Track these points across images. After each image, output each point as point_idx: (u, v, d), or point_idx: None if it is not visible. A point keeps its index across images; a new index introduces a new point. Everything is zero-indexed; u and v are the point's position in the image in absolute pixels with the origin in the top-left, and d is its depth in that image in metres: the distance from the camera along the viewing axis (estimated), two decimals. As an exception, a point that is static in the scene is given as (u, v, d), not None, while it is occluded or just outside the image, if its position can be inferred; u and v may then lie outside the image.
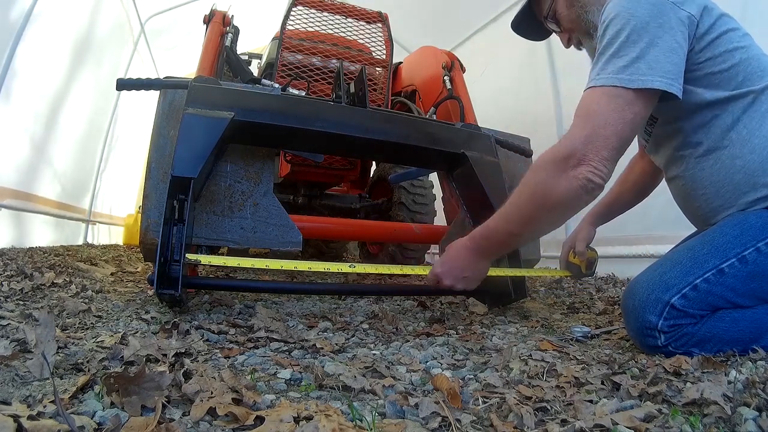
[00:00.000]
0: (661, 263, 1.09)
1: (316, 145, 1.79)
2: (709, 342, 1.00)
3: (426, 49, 2.87)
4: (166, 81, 1.49)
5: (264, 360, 0.97)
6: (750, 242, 1.01)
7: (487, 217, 1.67)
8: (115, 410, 0.65)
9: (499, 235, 1.20)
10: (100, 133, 4.53)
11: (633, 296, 1.06)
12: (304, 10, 2.43)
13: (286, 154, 2.62)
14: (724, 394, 0.71)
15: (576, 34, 1.31)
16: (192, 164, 1.29)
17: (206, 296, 1.63)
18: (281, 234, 1.52)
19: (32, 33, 2.86)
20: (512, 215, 1.14)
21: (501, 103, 4.01)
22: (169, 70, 5.08)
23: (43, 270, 1.86)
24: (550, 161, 1.05)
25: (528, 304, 1.83)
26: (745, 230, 1.03)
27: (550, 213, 1.09)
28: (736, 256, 1.00)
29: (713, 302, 1.01)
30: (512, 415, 0.71)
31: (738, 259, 1.00)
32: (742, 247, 1.01)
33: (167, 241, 1.22)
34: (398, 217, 3.01)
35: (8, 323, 1.06)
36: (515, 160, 1.99)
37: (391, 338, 1.24)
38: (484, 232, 1.22)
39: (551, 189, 1.04)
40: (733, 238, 1.03)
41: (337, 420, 0.63)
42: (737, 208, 1.09)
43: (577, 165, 1.00)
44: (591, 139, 1.00)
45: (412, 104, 2.74)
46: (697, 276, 1.01)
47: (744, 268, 1.00)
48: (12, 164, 2.96)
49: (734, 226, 1.05)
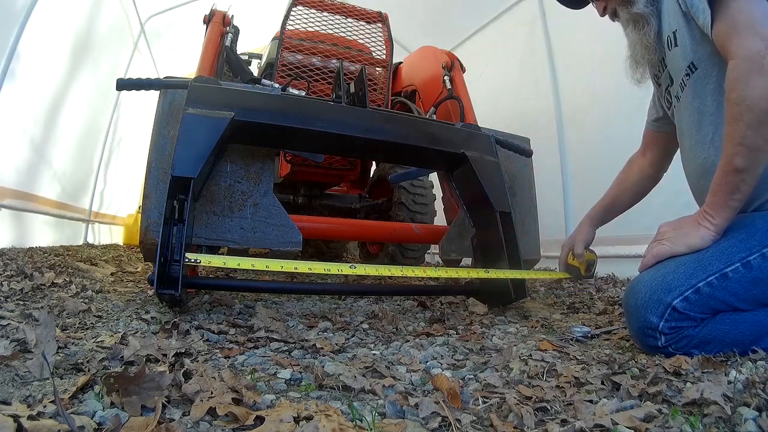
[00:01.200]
0: (664, 264, 1.08)
1: (316, 145, 1.79)
2: (710, 344, 1.00)
3: (426, 49, 2.87)
4: (166, 81, 1.50)
5: (264, 360, 0.97)
6: (755, 247, 0.99)
7: (487, 217, 1.67)
8: (115, 410, 0.65)
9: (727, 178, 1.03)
10: (100, 133, 4.53)
11: (634, 295, 1.05)
12: (304, 10, 2.44)
13: (286, 154, 2.63)
14: (724, 394, 0.71)
15: (612, 3, 1.29)
16: (192, 164, 1.29)
17: (206, 296, 1.63)
18: (281, 234, 1.52)
19: (32, 33, 2.86)
20: (732, 150, 1.01)
21: (501, 103, 4.01)
22: (169, 70, 5.08)
23: (43, 270, 1.86)
24: (734, 79, 0.99)
25: (528, 304, 1.83)
26: (751, 235, 1.01)
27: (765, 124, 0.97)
28: (740, 260, 0.99)
29: (715, 306, 1.00)
30: (512, 415, 0.71)
31: (742, 264, 0.99)
32: (747, 252, 0.99)
33: (167, 241, 1.22)
34: (398, 217, 3.01)
35: (8, 323, 1.06)
36: (515, 160, 1.99)
37: (391, 338, 1.24)
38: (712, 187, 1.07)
39: (754, 97, 0.96)
40: (738, 242, 1.01)
41: (337, 420, 0.63)
42: (759, 201, 1.07)
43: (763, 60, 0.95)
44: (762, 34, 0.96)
45: (412, 104, 2.74)
46: (700, 279, 1.00)
47: (748, 273, 0.99)
48: (12, 164, 2.95)
49: (740, 229, 1.04)
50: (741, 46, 0.98)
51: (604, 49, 3.05)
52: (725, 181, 1.02)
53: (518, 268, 1.59)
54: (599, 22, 1.46)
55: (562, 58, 3.50)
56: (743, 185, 1.01)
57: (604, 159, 3.11)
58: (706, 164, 1.15)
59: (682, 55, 1.15)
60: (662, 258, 1.09)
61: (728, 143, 1.01)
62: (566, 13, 1.70)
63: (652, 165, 1.49)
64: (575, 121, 3.38)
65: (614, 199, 1.56)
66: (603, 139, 3.09)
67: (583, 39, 3.25)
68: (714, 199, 1.05)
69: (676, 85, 1.21)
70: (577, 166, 3.35)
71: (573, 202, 3.33)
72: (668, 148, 1.46)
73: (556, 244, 3.35)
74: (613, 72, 3.04)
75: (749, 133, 0.97)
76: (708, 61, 1.11)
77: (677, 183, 1.70)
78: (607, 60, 3.05)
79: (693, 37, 1.11)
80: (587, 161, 3.25)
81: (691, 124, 1.20)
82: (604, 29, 3.12)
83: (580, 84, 3.30)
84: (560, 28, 3.51)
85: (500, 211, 1.63)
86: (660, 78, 1.30)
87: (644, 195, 1.55)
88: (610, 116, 3.05)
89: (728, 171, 1.01)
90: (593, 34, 3.14)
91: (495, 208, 1.62)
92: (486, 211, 1.67)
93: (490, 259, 1.67)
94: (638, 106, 2.76)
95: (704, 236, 1.05)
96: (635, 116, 2.86)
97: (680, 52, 1.15)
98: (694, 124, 1.18)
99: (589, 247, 1.59)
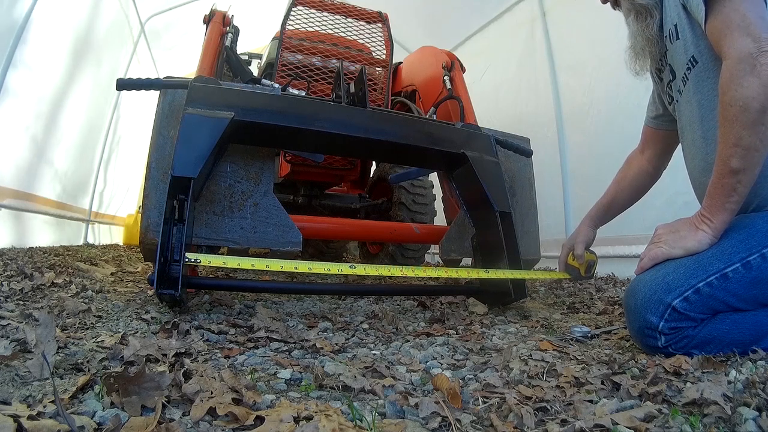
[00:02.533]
0: (665, 264, 1.07)
1: (316, 145, 1.79)
2: (709, 344, 1.00)
3: (426, 49, 2.87)
4: (166, 81, 1.50)
5: (264, 360, 0.97)
6: (755, 247, 0.99)
7: (487, 217, 1.66)
8: (115, 410, 0.65)
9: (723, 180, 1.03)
10: (100, 133, 4.53)
11: (635, 295, 1.05)
12: (304, 10, 2.44)
13: (286, 154, 2.62)
14: (724, 394, 0.71)
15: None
16: (192, 164, 1.29)
17: (206, 296, 1.63)
18: (281, 234, 1.52)
19: (32, 33, 2.86)
20: (728, 152, 1.01)
21: (501, 103, 4.02)
22: (169, 70, 5.09)
23: (43, 270, 1.86)
24: (727, 81, 0.99)
25: (528, 304, 1.83)
26: (751, 235, 1.01)
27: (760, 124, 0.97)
28: (740, 261, 0.99)
29: (715, 306, 1.00)
30: (512, 415, 0.71)
31: (742, 264, 0.99)
32: (747, 252, 0.99)
33: (167, 241, 1.22)
34: (398, 217, 3.01)
35: (8, 323, 1.05)
36: (515, 160, 1.99)
37: (391, 338, 1.24)
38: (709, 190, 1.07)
39: (747, 98, 0.96)
40: (738, 243, 1.01)
41: (337, 420, 0.63)
42: (758, 200, 1.07)
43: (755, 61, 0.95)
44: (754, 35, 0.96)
45: (412, 104, 2.74)
46: (700, 279, 0.99)
47: (748, 273, 0.99)
48: (12, 164, 2.96)
49: (740, 229, 1.04)
50: (733, 47, 0.98)
51: (604, 49, 3.06)
52: (722, 183, 1.02)
53: (518, 268, 1.59)
54: (599, 22, 1.46)
55: (562, 58, 3.50)
56: (740, 186, 1.00)
57: (604, 159, 3.11)
58: (708, 160, 1.13)
59: (683, 48, 1.14)
60: (659, 261, 1.09)
61: (723, 145, 1.01)
62: (566, 14, 1.70)
63: (651, 162, 1.49)
64: (575, 121, 3.38)
65: (613, 197, 1.55)
66: (603, 139, 3.10)
67: (583, 39, 3.25)
68: (711, 201, 1.05)
69: (678, 79, 1.20)
70: (577, 166, 3.35)
71: (573, 202, 3.33)
72: (667, 146, 1.45)
73: (556, 244, 3.35)
74: (613, 72, 3.06)
75: (744, 134, 0.97)
76: (708, 54, 1.10)
77: (677, 183, 1.71)
78: (607, 60, 3.06)
79: (693, 30, 1.11)
80: (587, 161, 3.25)
81: (693, 119, 1.19)
82: (604, 29, 3.12)
83: (580, 84, 3.30)
84: (560, 28, 3.51)
85: (500, 211, 1.63)
86: (662, 73, 1.29)
87: (644, 193, 1.55)
88: (610, 116, 3.05)
89: (724, 173, 1.01)
90: (593, 34, 3.14)
91: (495, 208, 1.62)
92: (486, 211, 1.67)
93: (490, 259, 1.67)
94: (638, 105, 2.76)
95: (702, 240, 1.05)
96: (635, 116, 2.86)
97: (681, 45, 1.15)
98: (696, 119, 1.18)
99: (590, 248, 1.59)
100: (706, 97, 1.13)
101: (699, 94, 1.15)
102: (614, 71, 3.05)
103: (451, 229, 1.92)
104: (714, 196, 1.04)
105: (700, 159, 1.19)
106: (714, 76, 1.10)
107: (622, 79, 3.07)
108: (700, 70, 1.14)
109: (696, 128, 1.18)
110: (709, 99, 1.12)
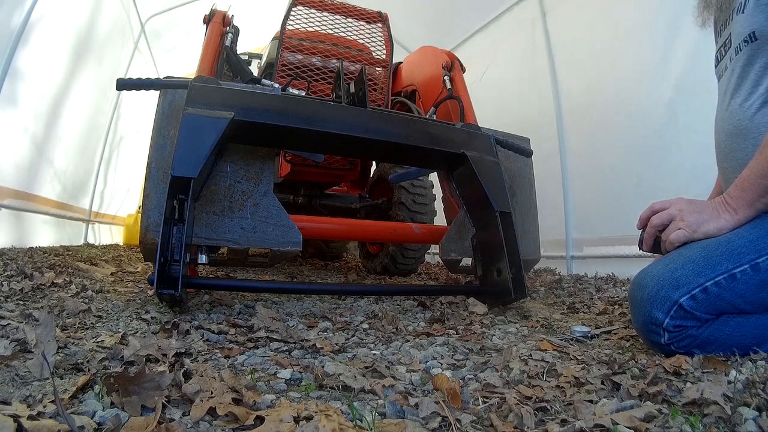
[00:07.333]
0: (673, 257, 1.05)
1: (316, 145, 1.79)
2: (712, 345, 1.00)
3: (426, 49, 2.87)
4: (166, 81, 1.50)
5: (264, 360, 0.97)
6: (765, 249, 0.98)
7: (487, 217, 1.66)
8: (115, 410, 0.65)
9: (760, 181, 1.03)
10: (101, 133, 4.53)
11: (641, 288, 1.04)
12: (304, 10, 2.44)
13: (286, 154, 2.63)
14: (724, 394, 0.71)
15: None
16: (192, 164, 1.29)
17: (206, 296, 1.63)
18: (281, 234, 1.52)
19: (33, 33, 2.86)
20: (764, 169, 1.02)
21: (501, 102, 4.01)
22: (169, 70, 5.09)
23: (43, 270, 1.86)
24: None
25: (528, 304, 1.83)
26: (762, 236, 1.00)
27: None
28: (749, 262, 0.98)
29: (721, 306, 0.99)
30: (512, 415, 0.71)
31: (751, 265, 0.97)
32: (757, 254, 0.98)
33: (167, 241, 1.22)
34: (398, 217, 3.01)
35: (8, 323, 1.05)
36: (515, 160, 1.99)
37: (391, 338, 1.24)
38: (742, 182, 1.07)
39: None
40: (748, 243, 1.00)
41: (337, 420, 0.63)
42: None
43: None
44: None
45: (412, 104, 2.74)
46: (709, 278, 0.98)
47: (756, 276, 0.97)
48: (12, 164, 2.96)
49: (752, 229, 1.02)
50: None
51: (605, 49, 3.06)
52: (759, 183, 1.01)
53: (518, 267, 1.59)
54: (599, 22, 1.46)
55: (562, 58, 3.50)
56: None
57: (605, 159, 3.12)
58: (740, 126, 1.13)
59: (747, 21, 1.14)
60: (680, 244, 1.08)
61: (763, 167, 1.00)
62: (566, 14, 1.69)
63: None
64: (575, 121, 3.38)
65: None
66: (603, 139, 3.10)
67: (584, 39, 3.25)
68: (741, 194, 1.04)
69: (732, 48, 1.20)
70: (577, 166, 3.36)
71: (573, 202, 3.33)
72: None
73: (556, 244, 3.36)
74: (613, 72, 3.06)
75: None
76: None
77: (679, 183, 1.71)
78: (608, 60, 3.06)
79: (759, 7, 1.10)
80: (587, 161, 3.25)
81: (736, 86, 1.19)
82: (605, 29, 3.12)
83: (580, 84, 3.31)
84: (560, 28, 3.51)
85: (500, 211, 1.63)
86: (722, 34, 1.28)
87: None
88: (610, 116, 3.05)
89: (764, 174, 1.00)
90: (593, 34, 3.14)
91: (495, 208, 1.62)
92: (486, 211, 1.67)
93: (490, 259, 1.67)
94: (638, 105, 2.78)
95: (722, 228, 1.04)
96: (635, 116, 2.87)
97: (746, 18, 1.14)
98: (739, 87, 1.17)
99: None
100: (755, 72, 1.13)
101: (748, 66, 1.14)
102: (614, 71, 3.06)
103: (451, 229, 1.92)
104: (746, 190, 1.03)
105: (731, 122, 1.17)
106: (766, 56, 1.10)
107: (622, 80, 3.08)
108: (756, 47, 1.13)
109: (737, 95, 1.17)
110: (757, 75, 1.12)
